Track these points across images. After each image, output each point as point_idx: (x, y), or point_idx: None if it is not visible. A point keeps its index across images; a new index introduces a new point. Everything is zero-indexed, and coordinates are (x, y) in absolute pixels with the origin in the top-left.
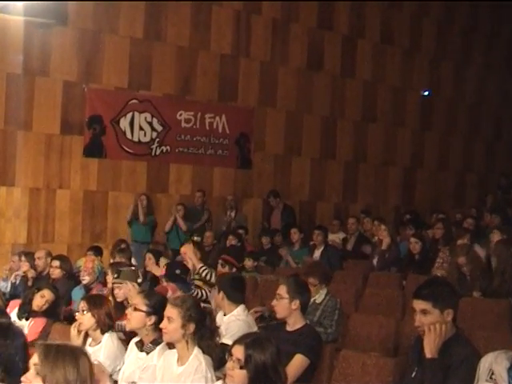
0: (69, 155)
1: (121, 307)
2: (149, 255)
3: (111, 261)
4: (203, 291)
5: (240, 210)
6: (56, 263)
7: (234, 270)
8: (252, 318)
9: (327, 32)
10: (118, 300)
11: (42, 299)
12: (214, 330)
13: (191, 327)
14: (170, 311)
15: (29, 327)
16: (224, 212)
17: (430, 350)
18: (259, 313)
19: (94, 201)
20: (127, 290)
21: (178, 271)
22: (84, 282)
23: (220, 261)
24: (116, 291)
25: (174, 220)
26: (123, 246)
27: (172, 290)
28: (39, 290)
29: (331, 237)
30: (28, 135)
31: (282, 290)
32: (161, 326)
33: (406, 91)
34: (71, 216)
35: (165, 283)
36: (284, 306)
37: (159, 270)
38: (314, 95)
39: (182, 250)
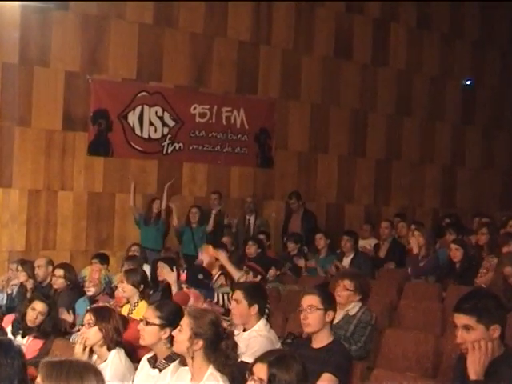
0: (72, 153)
1: (124, 321)
2: (161, 264)
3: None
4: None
5: (260, 213)
6: (59, 272)
7: (259, 278)
8: (274, 332)
9: (357, 16)
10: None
11: (33, 312)
12: (230, 355)
13: (199, 343)
14: (184, 320)
15: (26, 345)
16: (242, 215)
17: (474, 370)
18: None
19: (99, 204)
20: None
21: (200, 276)
22: (89, 294)
23: (245, 268)
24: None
25: (188, 221)
26: (133, 251)
27: (194, 297)
28: (30, 301)
29: (362, 243)
30: (26, 132)
31: (315, 300)
32: (173, 333)
33: (445, 81)
34: (74, 220)
35: (186, 289)
36: (318, 318)
37: (172, 275)
38: (342, 86)
39: (210, 251)
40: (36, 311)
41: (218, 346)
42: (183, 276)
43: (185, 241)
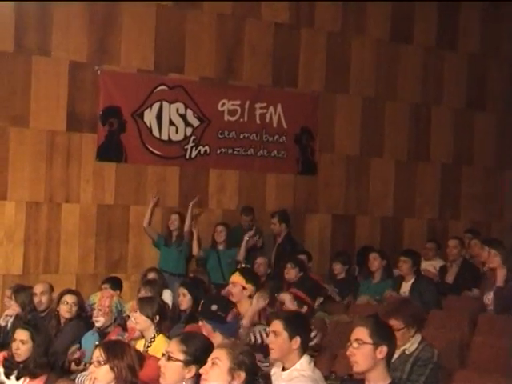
0: (78, 159)
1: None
2: (182, 290)
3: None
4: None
5: (301, 229)
6: (72, 299)
7: (305, 309)
8: (319, 373)
9: None
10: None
11: (14, 343)
12: None
13: (241, 376)
14: (217, 353)
15: None
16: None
17: None
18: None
19: (110, 218)
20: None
21: (214, 307)
22: (98, 325)
23: (288, 296)
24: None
25: (214, 242)
26: (152, 276)
27: (206, 332)
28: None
29: (425, 265)
30: (23, 133)
31: (363, 333)
32: (200, 370)
33: None
34: (81, 238)
35: (200, 322)
36: (366, 354)
37: (186, 302)
38: (401, 75)
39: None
40: (17, 341)
41: (257, 378)
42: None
43: (210, 267)
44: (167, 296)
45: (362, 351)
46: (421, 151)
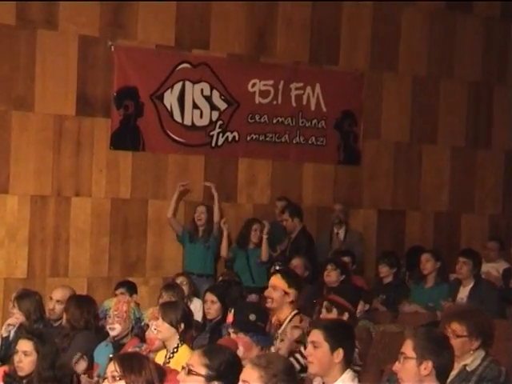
0: (89, 147)
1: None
2: (211, 297)
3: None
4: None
5: (348, 225)
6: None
7: (346, 317)
8: None
9: None
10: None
11: (17, 356)
12: None
13: None
14: (248, 373)
15: None
16: (320, 228)
17: None
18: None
19: (126, 214)
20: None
21: (252, 317)
22: (113, 333)
23: (326, 303)
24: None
25: (243, 240)
26: (181, 281)
27: (244, 346)
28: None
29: (486, 267)
30: (28, 118)
31: (406, 346)
32: None
33: None
34: (93, 237)
35: (233, 335)
36: (409, 370)
37: (214, 310)
38: (458, 50)
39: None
40: (19, 353)
41: None
42: (230, 317)
43: (238, 268)
44: (198, 306)
45: (405, 367)
46: (481, 137)
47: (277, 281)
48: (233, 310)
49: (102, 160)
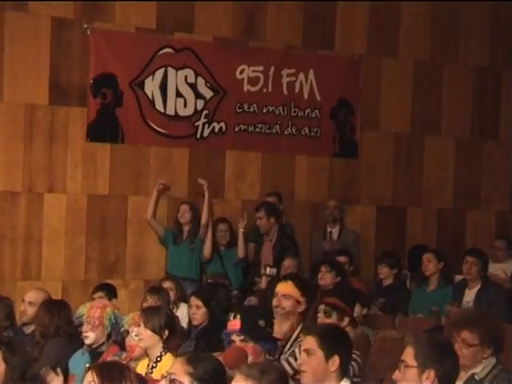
0: (63, 139)
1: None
2: (195, 301)
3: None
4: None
5: (344, 223)
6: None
7: (346, 321)
8: None
9: None
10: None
11: None
12: None
13: None
14: None
15: None
16: (314, 227)
17: None
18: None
19: (104, 211)
20: None
21: (261, 322)
22: (87, 342)
23: (323, 306)
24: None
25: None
26: (168, 286)
27: (254, 354)
28: None
29: (493, 268)
30: None
31: (407, 353)
32: None
33: None
34: (68, 236)
35: (238, 342)
36: (410, 379)
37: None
38: (463, 33)
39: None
40: None
41: None
42: (234, 323)
43: (212, 271)
44: (185, 312)
45: (405, 376)
46: (488, 127)
47: (289, 288)
48: (238, 316)
49: (77, 153)
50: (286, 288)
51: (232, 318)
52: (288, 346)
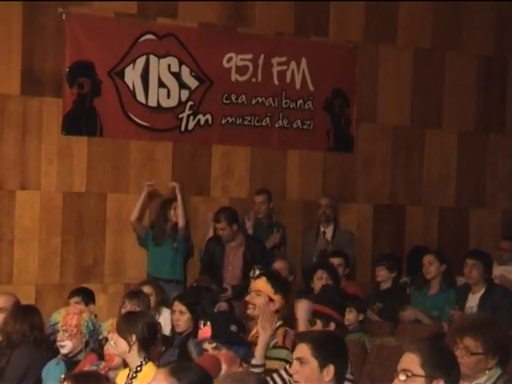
0: (37, 132)
1: None
2: (178, 306)
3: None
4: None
5: (338, 222)
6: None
7: (332, 327)
8: None
9: None
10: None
11: None
12: None
13: None
14: None
15: None
16: (307, 227)
17: None
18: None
19: (81, 210)
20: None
21: (233, 328)
22: (64, 351)
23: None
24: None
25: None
26: (147, 290)
27: (227, 362)
28: None
29: (498, 270)
30: None
31: (411, 362)
32: None
33: None
34: (42, 237)
35: (211, 350)
36: None
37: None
38: (466, 19)
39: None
40: None
41: None
42: (205, 331)
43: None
44: (167, 317)
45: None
46: (493, 119)
47: (261, 285)
48: (208, 323)
49: (52, 147)
50: (258, 285)
51: (202, 325)
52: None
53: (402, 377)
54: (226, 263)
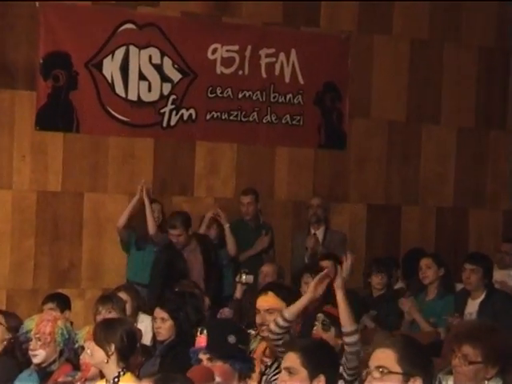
0: (9, 127)
1: None
2: (160, 313)
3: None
4: None
5: (329, 224)
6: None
7: (333, 333)
8: None
9: None
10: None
11: None
12: None
13: None
14: None
15: None
16: (297, 228)
17: None
18: None
19: (57, 210)
20: None
21: (231, 339)
22: (36, 361)
23: (322, 317)
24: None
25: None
26: (123, 297)
27: (222, 375)
28: None
29: (499, 275)
30: None
31: (387, 358)
32: None
33: None
34: (15, 239)
35: (205, 361)
36: None
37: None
38: (466, 8)
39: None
40: None
41: None
42: (201, 339)
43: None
44: (147, 323)
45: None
46: (494, 115)
47: (271, 301)
48: (205, 331)
49: (25, 143)
50: (267, 301)
51: (199, 333)
52: (276, 364)
53: (376, 374)
54: (190, 268)
